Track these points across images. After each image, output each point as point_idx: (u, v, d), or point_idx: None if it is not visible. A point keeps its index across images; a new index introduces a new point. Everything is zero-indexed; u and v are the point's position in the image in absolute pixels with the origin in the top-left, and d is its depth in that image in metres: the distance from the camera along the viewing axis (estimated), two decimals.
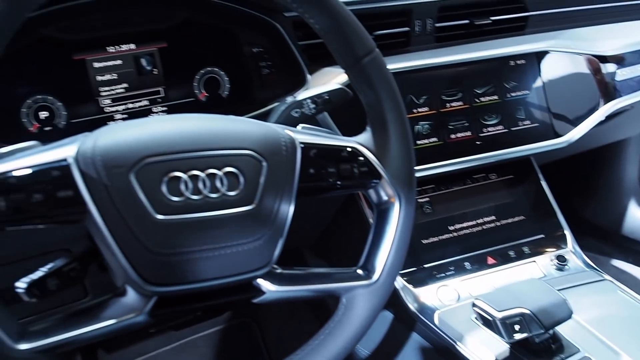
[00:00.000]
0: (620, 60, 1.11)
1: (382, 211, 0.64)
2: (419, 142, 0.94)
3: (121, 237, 0.50)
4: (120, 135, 0.52)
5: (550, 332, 0.77)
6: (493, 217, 1.04)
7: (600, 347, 0.79)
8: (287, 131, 0.58)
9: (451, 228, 1.01)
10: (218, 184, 0.52)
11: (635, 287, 1.67)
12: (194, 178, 0.51)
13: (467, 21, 1.04)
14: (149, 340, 1.42)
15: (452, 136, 0.97)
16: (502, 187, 1.07)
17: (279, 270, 0.59)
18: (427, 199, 1.02)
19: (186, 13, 0.83)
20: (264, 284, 0.57)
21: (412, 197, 0.64)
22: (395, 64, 0.94)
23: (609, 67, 1.10)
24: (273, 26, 0.86)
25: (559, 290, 0.89)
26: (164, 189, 0.50)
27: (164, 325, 1.38)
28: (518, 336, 0.73)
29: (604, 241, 1.88)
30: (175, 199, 0.51)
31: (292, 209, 0.56)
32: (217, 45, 0.88)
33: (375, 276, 0.62)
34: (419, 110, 0.95)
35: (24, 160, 0.49)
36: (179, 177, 0.51)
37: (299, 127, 0.64)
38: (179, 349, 1.44)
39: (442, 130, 0.96)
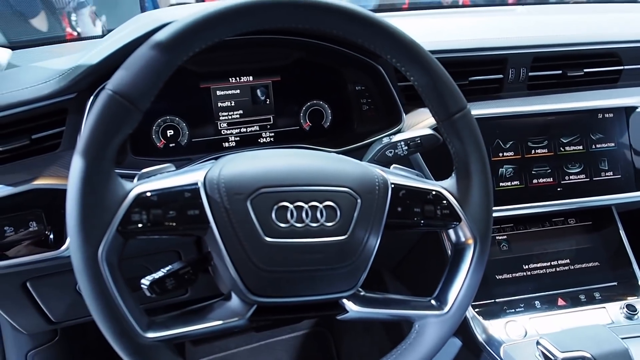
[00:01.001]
0: None
1: (458, 250, 0.72)
2: (502, 184, 1.00)
3: (234, 252, 0.60)
4: (242, 166, 0.63)
5: None
6: (567, 261, 1.07)
7: None
8: (380, 172, 0.67)
9: (525, 267, 1.05)
10: (318, 215, 0.62)
11: None
12: (299, 209, 0.61)
13: (559, 72, 1.08)
14: (231, 338, 1.55)
15: (534, 181, 1.02)
16: (579, 232, 1.11)
17: (362, 293, 0.68)
18: (505, 236, 1.07)
19: (301, 54, 0.95)
20: (349, 304, 0.67)
21: (487, 241, 0.72)
22: (486, 110, 1.01)
23: None
24: (376, 68, 0.95)
25: (624, 338, 0.92)
26: (273, 215, 0.61)
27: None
28: None
29: None
30: (282, 225, 0.61)
31: (378, 241, 0.65)
32: (324, 81, 0.98)
33: (447, 308, 0.70)
34: (505, 154, 1.01)
35: (162, 181, 0.60)
36: (286, 207, 0.61)
37: (392, 167, 0.73)
38: (257, 350, 1.56)
39: (525, 174, 1.02)
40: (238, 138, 0.96)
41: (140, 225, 0.58)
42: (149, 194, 0.59)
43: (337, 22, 0.63)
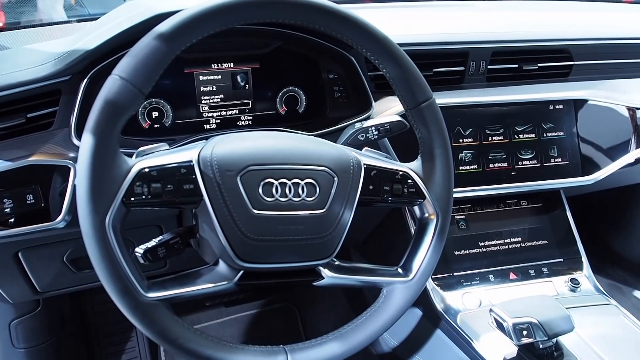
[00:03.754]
0: None
1: (422, 225, 0.81)
2: (461, 167, 1.09)
3: (224, 223, 0.67)
4: (233, 146, 0.70)
5: (553, 341, 0.91)
6: (519, 239, 1.18)
7: None
8: (355, 153, 0.75)
9: (481, 244, 1.15)
10: (300, 191, 0.70)
11: None
12: (283, 185, 0.69)
13: (516, 65, 1.17)
14: (202, 313, 1.61)
15: (491, 165, 1.11)
16: (531, 213, 1.21)
17: (336, 262, 0.76)
18: (463, 216, 1.17)
19: (279, 43, 1.01)
20: (325, 271, 0.75)
21: (448, 217, 0.81)
22: (449, 99, 1.09)
23: None
24: (348, 58, 1.02)
25: (567, 308, 1.03)
26: (260, 190, 0.68)
27: (218, 300, 1.57)
28: (525, 340, 0.87)
29: (628, 272, 1.97)
30: (268, 199, 0.68)
31: (352, 215, 0.73)
32: (300, 69, 1.05)
33: (412, 275, 0.79)
34: (465, 140, 1.10)
35: (161, 158, 0.67)
36: (272, 183, 0.69)
37: (364, 150, 0.81)
38: (227, 323, 1.63)
39: (482, 159, 1.11)
40: (219, 120, 1.02)
41: (142, 197, 0.64)
42: (148, 169, 0.65)
43: (321, 19, 0.71)
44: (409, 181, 0.78)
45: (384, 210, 1.13)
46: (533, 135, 1.14)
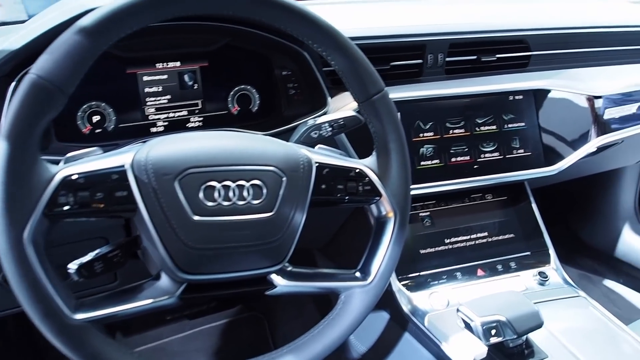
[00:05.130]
0: (611, 100, 1.22)
1: (380, 224, 0.77)
2: (423, 162, 1.06)
3: (163, 232, 0.62)
4: (170, 147, 0.64)
5: (523, 338, 0.88)
6: (486, 234, 1.15)
7: (566, 355, 0.90)
8: (305, 151, 0.70)
9: (447, 241, 1.12)
10: (245, 193, 0.64)
11: (622, 306, 1.78)
12: (226, 187, 0.64)
13: (474, 57, 1.15)
14: (164, 327, 1.54)
15: (453, 159, 1.08)
16: (496, 207, 1.19)
17: (289, 268, 0.71)
18: (428, 213, 1.13)
19: (228, 39, 0.96)
20: (277, 279, 0.70)
21: (406, 214, 0.77)
22: (407, 93, 1.06)
23: (600, 106, 1.21)
24: (301, 54, 0.97)
25: (536, 302, 1.00)
26: (201, 195, 0.63)
27: (179, 314, 1.50)
28: (494, 340, 0.84)
29: (597, 262, 1.99)
30: (209, 203, 0.63)
31: (304, 217, 0.69)
32: (251, 66, 1.00)
33: (370, 278, 0.75)
34: (425, 135, 1.07)
35: (89, 164, 0.61)
36: (213, 186, 0.63)
37: (317, 147, 0.77)
38: (191, 337, 1.56)
39: (444, 153, 1.08)
40: (166, 123, 0.96)
41: (67, 207, 0.58)
42: (75, 176, 0.59)
43: (262, 10, 0.66)
44: (365, 179, 0.74)
45: (345, 209, 1.09)
46: (494, 127, 1.12)
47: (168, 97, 0.96)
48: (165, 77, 0.95)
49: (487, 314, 0.87)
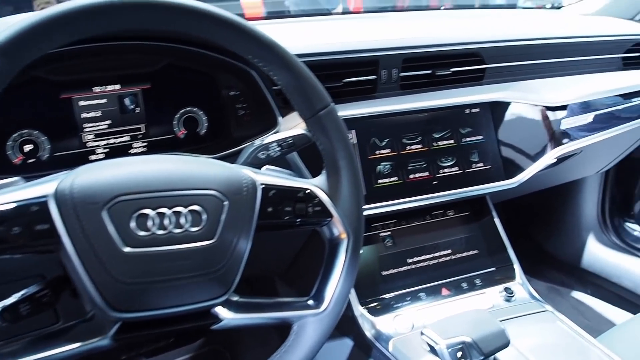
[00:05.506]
0: (567, 110, 1.22)
1: (333, 246, 0.72)
2: (380, 180, 1.03)
3: (91, 267, 0.56)
4: (97, 174, 0.59)
5: (490, 358, 0.85)
6: (449, 251, 1.12)
7: None
8: (249, 173, 0.66)
9: (410, 260, 1.08)
10: (182, 220, 0.59)
11: (591, 317, 1.77)
12: (161, 215, 0.58)
13: (429, 71, 1.13)
14: None
15: (411, 176, 1.05)
16: (458, 223, 1.16)
17: (236, 299, 0.66)
18: (389, 233, 1.10)
19: (170, 59, 0.91)
20: (222, 312, 0.64)
21: (360, 235, 0.72)
22: (362, 109, 1.03)
23: (556, 117, 1.20)
24: (249, 73, 0.94)
25: (503, 320, 0.98)
26: (132, 224, 0.57)
27: (135, 352, 1.42)
28: None
29: (563, 274, 1.98)
30: (142, 233, 0.57)
31: (249, 243, 0.64)
32: (197, 87, 0.95)
33: (324, 305, 0.70)
34: (381, 152, 1.04)
35: (6, 195, 0.55)
36: (147, 215, 0.57)
37: (263, 168, 0.72)
38: None
39: (401, 170, 1.05)
40: (107, 150, 0.91)
41: None
42: None
43: (194, 24, 0.62)
44: (315, 199, 0.70)
45: (302, 232, 1.05)
46: (452, 142, 1.10)
47: (108, 122, 0.90)
48: (104, 101, 0.89)
49: (451, 335, 0.83)
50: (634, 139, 1.63)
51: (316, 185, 0.71)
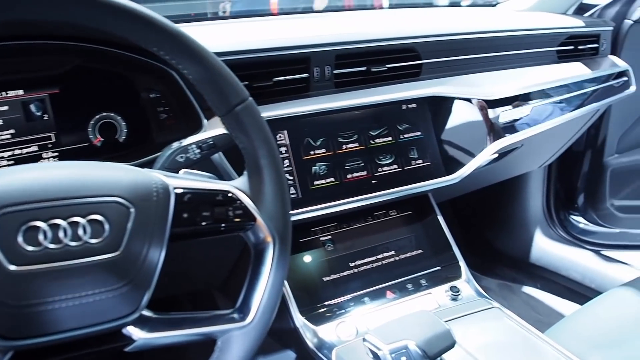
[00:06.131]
0: (504, 103, 1.20)
1: (258, 252, 0.67)
2: (316, 182, 0.98)
3: None
4: None
5: None
6: (393, 252, 1.08)
7: None
8: (160, 176, 0.60)
9: (352, 264, 1.04)
10: (80, 232, 0.52)
11: (542, 311, 1.77)
12: (55, 227, 0.51)
13: (364, 68, 1.09)
14: None
15: (349, 176, 1.01)
16: (401, 223, 1.12)
17: (149, 315, 0.59)
18: (330, 237, 1.05)
19: (79, 60, 0.84)
20: (134, 332, 0.57)
21: (287, 237, 0.67)
22: (293, 108, 0.98)
23: (495, 110, 1.18)
24: (169, 73, 0.88)
25: (449, 319, 0.94)
26: (19, 239, 0.50)
27: None
28: None
29: (514, 270, 1.98)
30: (31, 248, 0.50)
31: (162, 253, 0.57)
32: (112, 90, 0.88)
33: (251, 317, 0.64)
34: (316, 152, 0.99)
35: None
36: (37, 227, 0.51)
37: (181, 172, 0.66)
38: None
39: (339, 170, 1.00)
40: (12, 161, 0.82)
41: None
42: None
43: (84, 12, 0.55)
44: (236, 202, 0.64)
45: (236, 240, 0.98)
46: (390, 139, 1.06)
47: (11, 131, 0.82)
48: (6, 108, 0.81)
49: (394, 340, 0.79)
50: (573, 131, 1.65)
51: (237, 187, 0.65)
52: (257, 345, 0.65)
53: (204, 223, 0.62)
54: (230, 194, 0.64)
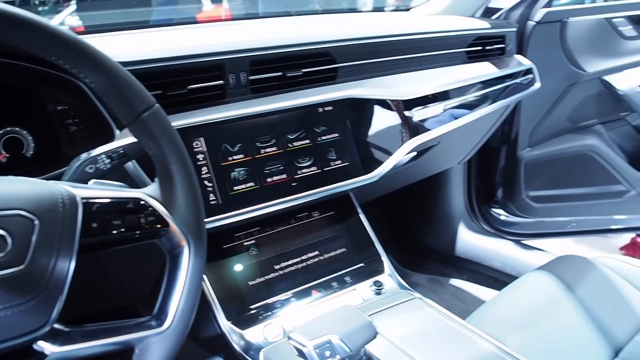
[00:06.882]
0: (419, 103, 1.26)
1: (173, 257, 0.67)
2: (236, 187, 0.98)
3: None
4: None
5: (361, 352, 0.84)
6: (317, 252, 1.10)
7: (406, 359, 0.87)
8: (67, 187, 0.59)
9: (277, 267, 1.05)
10: None
11: (468, 302, 1.84)
12: None
13: (280, 74, 1.11)
14: None
15: (269, 179, 1.02)
16: (324, 224, 1.15)
17: (61, 329, 0.58)
18: (253, 241, 1.06)
19: None
20: (46, 346, 0.56)
21: (201, 241, 0.67)
22: (209, 115, 0.98)
23: (409, 110, 1.23)
24: (76, 85, 0.86)
25: (373, 313, 0.97)
26: None
27: None
28: None
29: (442, 264, 2.06)
30: None
31: (72, 265, 0.56)
32: (16, 104, 0.86)
33: (168, 322, 0.64)
34: (235, 157, 0.99)
35: None
36: None
37: (90, 182, 0.65)
38: None
39: (258, 175, 1.01)
40: None
41: None
42: None
43: None
44: (148, 209, 0.64)
45: (155, 251, 0.97)
46: (308, 141, 1.08)
47: None
48: None
49: (318, 335, 0.81)
50: (486, 128, 1.74)
51: (147, 194, 0.65)
52: (177, 350, 0.65)
53: (115, 232, 0.61)
54: (142, 202, 0.63)
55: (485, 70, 1.50)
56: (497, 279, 1.84)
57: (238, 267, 1.01)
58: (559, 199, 2.04)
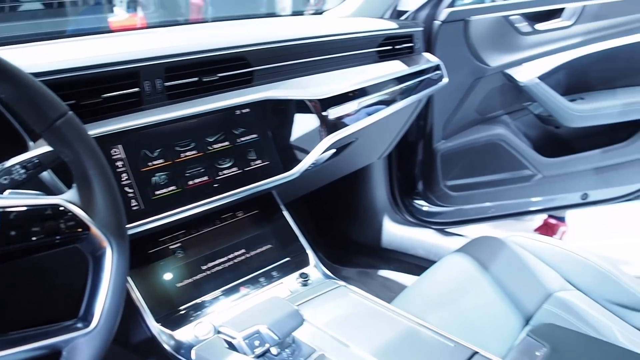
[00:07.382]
0: (334, 101, 1.31)
1: (96, 259, 0.68)
2: (158, 192, 1.00)
3: None
4: None
5: (289, 339, 0.88)
6: (243, 250, 1.13)
7: (333, 343, 0.92)
8: None
9: (204, 267, 1.07)
10: None
11: (396, 289, 1.93)
12: None
13: (195, 79, 1.13)
14: None
15: (190, 182, 1.04)
16: (249, 223, 1.18)
17: None
18: (179, 244, 1.07)
19: None
20: None
21: (123, 241, 0.69)
22: (126, 123, 0.99)
23: (325, 109, 1.29)
24: None
25: (301, 303, 1.01)
26: None
27: None
28: (259, 350, 0.83)
29: (370, 256, 2.14)
30: None
31: None
32: None
33: (94, 323, 0.66)
34: (155, 163, 1.01)
35: None
36: None
37: (6, 193, 0.66)
38: None
39: (179, 178, 1.03)
40: None
41: None
42: None
43: None
44: (67, 214, 0.65)
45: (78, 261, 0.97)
46: (227, 143, 1.11)
47: None
48: None
49: (247, 326, 0.85)
50: (402, 122, 1.83)
51: (66, 199, 0.66)
52: (104, 349, 0.66)
53: (35, 238, 0.62)
54: (60, 207, 0.65)
55: (395, 68, 1.58)
56: (421, 265, 1.94)
57: (165, 271, 1.03)
58: (474, 187, 2.17)
